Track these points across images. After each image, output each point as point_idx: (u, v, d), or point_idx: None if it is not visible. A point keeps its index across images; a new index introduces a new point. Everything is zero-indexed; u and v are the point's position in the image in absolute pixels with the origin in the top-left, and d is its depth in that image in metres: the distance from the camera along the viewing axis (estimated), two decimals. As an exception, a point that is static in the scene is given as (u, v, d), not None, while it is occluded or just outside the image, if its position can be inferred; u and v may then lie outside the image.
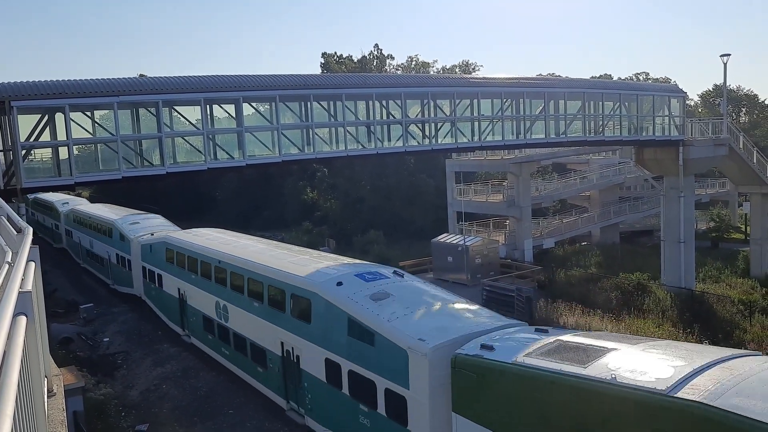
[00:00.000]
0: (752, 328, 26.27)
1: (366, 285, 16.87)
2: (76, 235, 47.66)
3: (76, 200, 56.34)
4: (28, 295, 4.04)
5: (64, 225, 51.95)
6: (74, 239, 48.81)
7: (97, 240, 41.59)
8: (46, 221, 58.60)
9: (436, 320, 14.79)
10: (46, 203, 57.99)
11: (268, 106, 21.67)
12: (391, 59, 74.38)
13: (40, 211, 60.61)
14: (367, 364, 14.96)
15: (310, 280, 18.21)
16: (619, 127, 30.39)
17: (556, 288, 33.03)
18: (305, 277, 18.58)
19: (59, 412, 5.77)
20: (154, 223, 38.02)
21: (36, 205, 60.44)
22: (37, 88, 16.41)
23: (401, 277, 17.99)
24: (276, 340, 19.59)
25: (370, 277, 17.55)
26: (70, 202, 54.46)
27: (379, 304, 15.60)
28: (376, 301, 15.82)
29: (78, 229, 47.39)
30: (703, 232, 48.61)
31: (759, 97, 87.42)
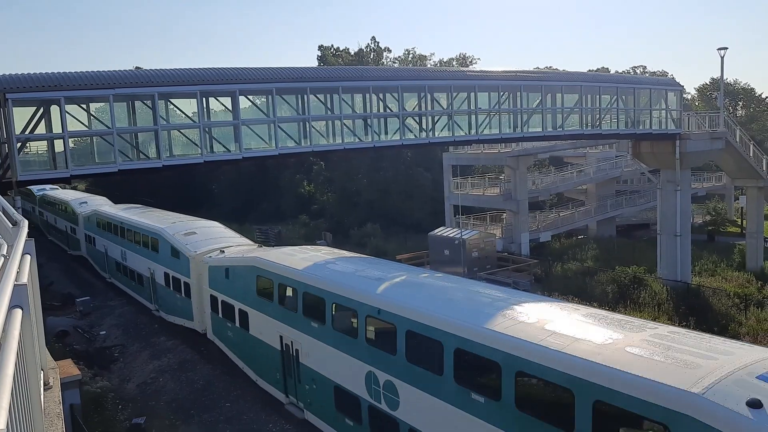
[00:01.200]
0: (747, 321, 26.39)
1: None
2: (101, 243, 38.79)
3: (95, 199, 47.64)
4: (23, 287, 4.03)
5: (83, 229, 42.47)
6: (98, 248, 39.84)
7: (134, 252, 33.01)
8: (58, 223, 49.60)
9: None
10: (58, 202, 49.59)
11: (264, 99, 21.60)
12: (388, 52, 74.26)
13: (51, 211, 52.15)
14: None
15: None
16: (616, 121, 30.39)
17: (552, 281, 33.13)
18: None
19: (56, 405, 5.76)
20: (215, 232, 29.22)
21: (45, 203, 53.88)
22: (33, 80, 16.32)
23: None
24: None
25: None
26: (89, 201, 45.78)
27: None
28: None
29: (103, 236, 38.76)
30: (700, 225, 48.67)
31: (756, 91, 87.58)
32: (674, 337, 10.79)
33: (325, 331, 16.80)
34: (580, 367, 10.08)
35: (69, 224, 46.78)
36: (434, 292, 15.37)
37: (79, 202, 45.97)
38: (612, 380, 9.58)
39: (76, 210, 44.60)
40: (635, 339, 10.76)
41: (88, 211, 42.58)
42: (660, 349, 10.15)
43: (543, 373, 10.62)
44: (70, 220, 46.43)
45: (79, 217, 43.71)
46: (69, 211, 46.34)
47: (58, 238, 51.17)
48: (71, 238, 46.73)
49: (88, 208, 43.53)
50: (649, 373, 9.35)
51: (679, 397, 8.74)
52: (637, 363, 9.69)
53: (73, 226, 45.60)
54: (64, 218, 47.92)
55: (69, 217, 46.49)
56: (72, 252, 46.80)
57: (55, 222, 51.95)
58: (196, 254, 26.11)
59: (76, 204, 45.41)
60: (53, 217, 52.17)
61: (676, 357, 9.77)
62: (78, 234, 44.45)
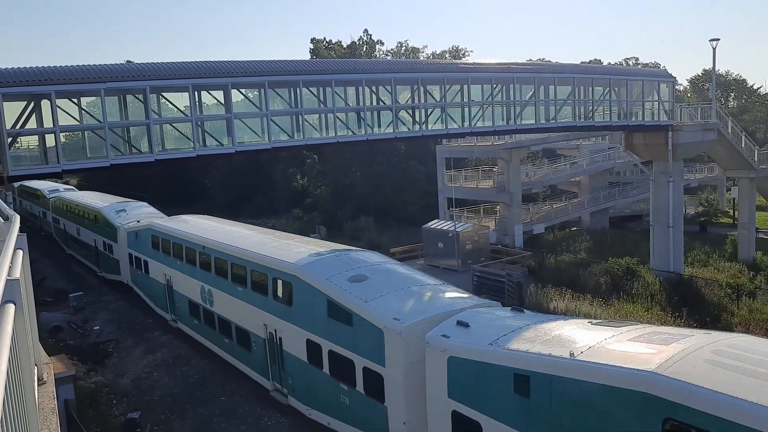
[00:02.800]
0: (739, 311, 26.56)
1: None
2: (160, 271, 32.80)
3: (137, 207, 40.39)
4: (16, 282, 4.01)
5: (126, 248, 35.14)
6: (154, 276, 33.71)
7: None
8: (83, 235, 42.70)
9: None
10: (83, 209, 42.88)
11: (257, 92, 21.50)
12: (381, 45, 73.93)
13: (72, 220, 45.84)
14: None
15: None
16: (609, 113, 30.42)
17: (546, 273, 33.22)
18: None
19: (50, 400, 5.75)
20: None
21: (63, 209, 48.22)
22: (23, 74, 16.16)
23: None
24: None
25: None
26: (130, 211, 38.77)
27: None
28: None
29: (170, 263, 33.78)
30: (692, 216, 48.92)
31: (747, 82, 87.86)
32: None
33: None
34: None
35: (101, 239, 38.16)
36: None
37: (116, 210, 37.60)
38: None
39: (113, 222, 36.09)
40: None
41: (137, 226, 33.35)
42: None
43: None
44: (102, 234, 37.88)
45: (119, 232, 35.06)
46: (102, 223, 37.88)
47: (83, 254, 43.61)
48: (105, 257, 38.27)
49: (130, 220, 35.48)
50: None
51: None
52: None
53: (108, 242, 36.96)
54: (94, 231, 39.60)
55: (101, 230, 38.07)
56: (105, 275, 38.71)
57: (77, 233, 43.83)
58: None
59: (113, 214, 37.07)
60: (75, 227, 44.35)
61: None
62: (117, 253, 35.73)
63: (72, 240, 46.10)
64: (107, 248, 37.16)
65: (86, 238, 41.85)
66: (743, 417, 8.33)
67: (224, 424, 20.07)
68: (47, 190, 54.22)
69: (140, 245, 31.89)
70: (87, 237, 41.59)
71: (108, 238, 36.63)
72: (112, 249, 36.29)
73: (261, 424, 19.72)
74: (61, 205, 48.81)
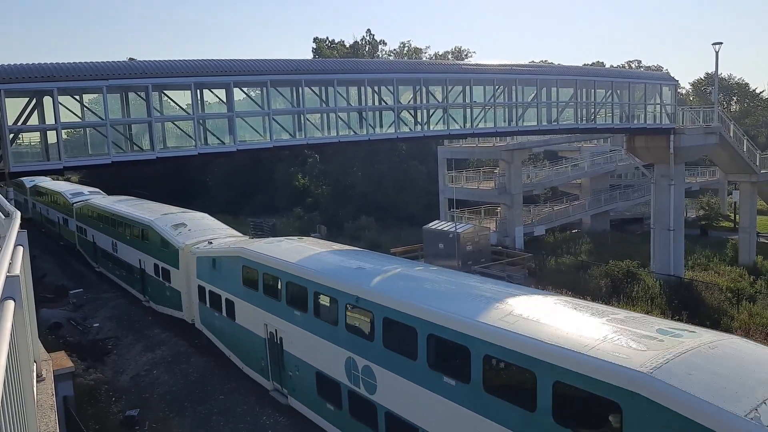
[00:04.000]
0: (739, 315, 26.52)
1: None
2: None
3: (201, 221, 30.76)
4: (16, 279, 4.01)
5: (198, 279, 25.57)
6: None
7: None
8: (122, 252, 34.66)
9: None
10: (125, 221, 34.05)
11: (259, 91, 21.50)
12: (384, 45, 73.94)
13: (108, 233, 36.92)
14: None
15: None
16: (611, 115, 30.41)
17: (546, 275, 33.20)
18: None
19: (48, 397, 5.75)
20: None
21: (94, 217, 39.68)
22: (25, 71, 16.17)
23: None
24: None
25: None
26: (193, 226, 29.41)
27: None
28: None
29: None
30: (693, 220, 48.89)
31: (750, 86, 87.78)
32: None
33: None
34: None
35: (151, 260, 29.86)
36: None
37: (173, 224, 29.00)
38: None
39: (172, 241, 27.43)
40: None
41: (214, 251, 24.38)
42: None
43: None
44: (154, 254, 29.54)
45: (181, 256, 26.56)
46: (153, 240, 29.48)
47: (121, 276, 35.31)
48: (156, 285, 29.66)
49: (197, 239, 26.90)
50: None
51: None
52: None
53: (163, 266, 28.60)
54: (140, 249, 31.37)
55: (152, 250, 29.67)
56: (155, 306, 30.50)
57: (113, 249, 35.86)
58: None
59: (169, 230, 28.46)
60: (109, 240, 36.44)
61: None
62: (176, 282, 27.28)
63: (105, 257, 37.82)
64: (161, 274, 28.88)
65: (127, 257, 33.59)
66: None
67: (223, 422, 20.07)
68: (69, 193, 46.16)
69: (221, 278, 22.92)
70: (128, 255, 33.28)
71: (163, 261, 28.53)
72: (169, 276, 28.11)
73: (259, 422, 19.72)
74: (89, 213, 40.24)
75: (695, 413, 8.37)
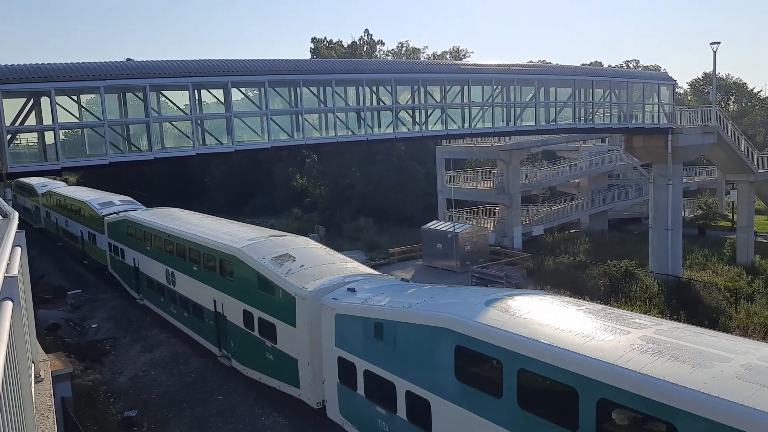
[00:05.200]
0: (737, 314, 26.56)
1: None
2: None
3: (303, 248, 23.78)
4: (14, 280, 4.00)
5: (335, 348, 25.90)
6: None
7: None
8: (196, 293, 27.61)
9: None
10: (197, 246, 26.44)
11: (257, 91, 21.48)
12: (382, 45, 73.98)
13: (169, 262, 30.45)
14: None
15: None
16: (609, 115, 30.44)
17: (544, 275, 33.22)
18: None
19: (47, 398, 5.74)
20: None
21: (145, 237, 30.69)
22: (22, 71, 16.14)
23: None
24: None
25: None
26: (300, 256, 21.06)
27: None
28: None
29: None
30: (691, 219, 48.94)
31: (748, 86, 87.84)
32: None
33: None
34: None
35: (241, 306, 21.41)
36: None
37: (274, 256, 20.67)
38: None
39: (285, 285, 18.87)
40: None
41: (367, 308, 15.76)
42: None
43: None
44: (250, 299, 20.89)
45: (300, 307, 18.18)
46: (243, 279, 21.25)
47: (185, 319, 26.76)
48: (252, 344, 21.12)
49: (318, 282, 18.58)
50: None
51: None
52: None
53: (266, 318, 19.99)
54: (221, 288, 22.88)
55: (246, 293, 21.13)
56: (245, 368, 22.15)
57: (169, 281, 27.65)
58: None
59: (272, 267, 19.94)
60: (165, 269, 28.00)
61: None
62: (290, 345, 18.96)
63: (154, 288, 30.14)
64: (258, 327, 20.70)
65: (192, 294, 25.69)
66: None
67: (221, 423, 20.05)
68: (97, 203, 39.33)
69: (398, 357, 14.60)
70: (194, 292, 25.34)
71: (263, 309, 20.34)
72: (274, 333, 19.68)
73: (258, 423, 19.69)
74: (131, 231, 32.46)
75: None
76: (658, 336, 11.00)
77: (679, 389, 9.12)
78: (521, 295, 14.39)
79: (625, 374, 9.85)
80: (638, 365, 9.95)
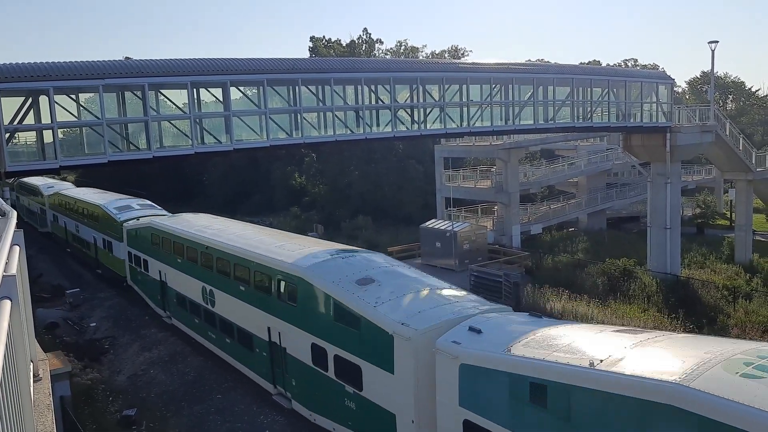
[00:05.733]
0: (736, 313, 26.60)
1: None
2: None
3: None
4: (12, 278, 4.00)
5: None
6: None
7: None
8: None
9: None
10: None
11: (255, 90, 21.47)
12: (380, 44, 74.01)
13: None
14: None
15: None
16: (607, 114, 30.45)
17: (543, 273, 33.23)
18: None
19: (45, 397, 5.74)
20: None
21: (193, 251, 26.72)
22: (21, 70, 16.13)
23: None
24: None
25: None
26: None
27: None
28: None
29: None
30: (689, 218, 48.94)
31: (746, 85, 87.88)
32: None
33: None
34: None
35: (309, 338, 17.41)
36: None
37: (355, 280, 16.80)
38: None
39: (382, 321, 14.49)
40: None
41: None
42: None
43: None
44: (324, 333, 16.76)
45: (400, 349, 14.03)
46: (311, 308, 17.59)
47: (229, 347, 23.22)
48: (326, 386, 16.99)
49: (426, 319, 14.29)
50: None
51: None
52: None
53: (348, 357, 15.76)
54: (279, 314, 19.14)
55: (317, 323, 17.23)
56: (311, 412, 18.27)
57: (207, 300, 24.02)
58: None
59: (354, 294, 15.90)
60: (201, 287, 24.42)
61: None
62: (381, 394, 14.84)
63: (186, 307, 26.51)
64: (336, 368, 16.55)
65: (237, 317, 22.14)
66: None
67: (220, 421, 20.06)
68: (113, 207, 36.31)
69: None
70: (240, 315, 21.86)
71: (343, 346, 16.20)
72: (359, 378, 15.70)
73: (257, 422, 19.70)
74: (155, 240, 29.13)
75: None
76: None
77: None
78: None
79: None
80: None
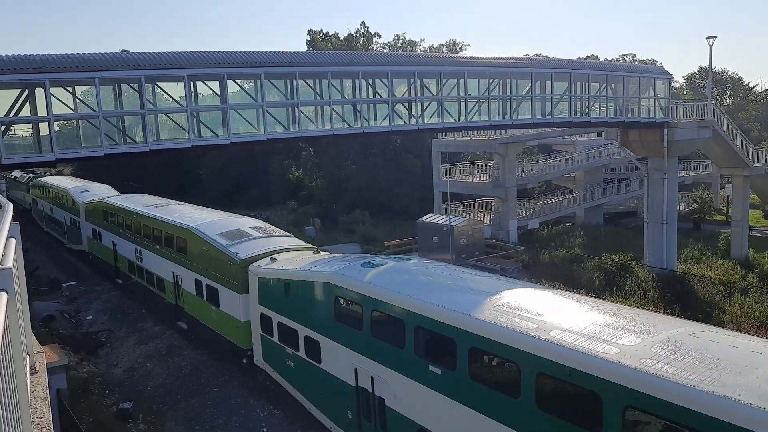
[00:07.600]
0: (731, 308, 26.70)
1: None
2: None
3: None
4: (8, 271, 3.99)
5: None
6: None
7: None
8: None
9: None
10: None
11: (252, 83, 21.39)
12: (378, 37, 73.85)
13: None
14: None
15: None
16: (605, 109, 30.45)
17: (540, 268, 33.30)
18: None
19: (42, 390, 5.74)
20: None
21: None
22: (17, 62, 16.03)
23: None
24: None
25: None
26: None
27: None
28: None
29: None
30: (686, 213, 49.08)
31: (743, 80, 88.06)
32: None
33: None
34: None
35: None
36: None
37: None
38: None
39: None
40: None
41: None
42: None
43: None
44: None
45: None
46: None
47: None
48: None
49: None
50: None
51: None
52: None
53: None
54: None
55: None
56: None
57: (312, 356, 17.61)
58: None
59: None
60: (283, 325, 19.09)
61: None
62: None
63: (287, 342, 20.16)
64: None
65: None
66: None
67: (216, 414, 20.09)
68: (178, 219, 26.79)
69: None
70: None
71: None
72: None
73: (253, 415, 19.74)
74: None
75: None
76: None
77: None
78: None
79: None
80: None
